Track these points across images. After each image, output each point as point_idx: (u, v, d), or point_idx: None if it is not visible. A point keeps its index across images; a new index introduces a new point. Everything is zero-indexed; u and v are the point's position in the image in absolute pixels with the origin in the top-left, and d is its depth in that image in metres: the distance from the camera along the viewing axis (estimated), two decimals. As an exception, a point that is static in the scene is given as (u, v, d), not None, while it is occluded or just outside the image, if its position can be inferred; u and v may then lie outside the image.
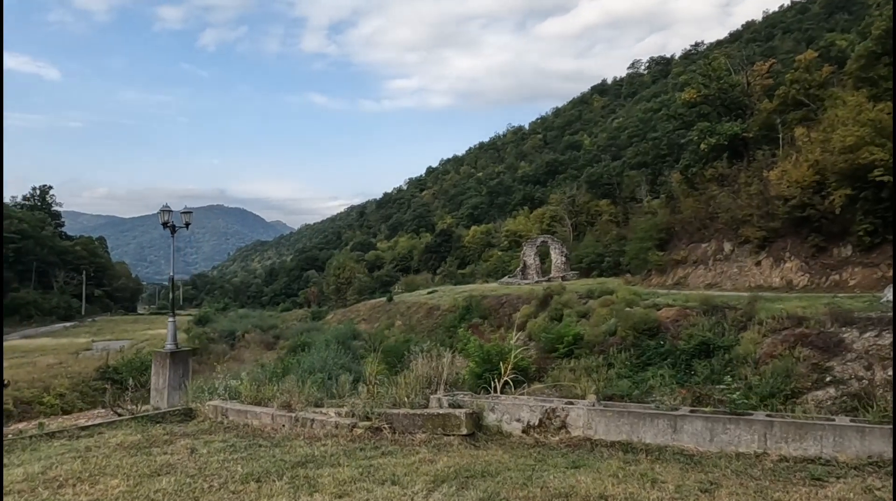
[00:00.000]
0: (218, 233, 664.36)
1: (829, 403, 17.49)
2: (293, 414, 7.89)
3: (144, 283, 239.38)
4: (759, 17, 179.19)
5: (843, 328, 20.42)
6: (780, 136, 44.57)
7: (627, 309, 31.45)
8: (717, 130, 46.57)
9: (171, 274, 12.86)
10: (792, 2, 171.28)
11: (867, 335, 19.52)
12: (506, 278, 68.66)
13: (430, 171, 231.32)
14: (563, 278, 60.13)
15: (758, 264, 38.61)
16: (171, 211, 12.69)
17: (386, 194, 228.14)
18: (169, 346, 13.88)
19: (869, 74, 39.88)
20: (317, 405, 8.08)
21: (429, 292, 73.79)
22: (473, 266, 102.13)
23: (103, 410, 9.85)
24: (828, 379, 18.87)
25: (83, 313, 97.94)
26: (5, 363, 36.50)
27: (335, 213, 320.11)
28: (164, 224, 12.52)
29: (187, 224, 13.06)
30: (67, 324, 79.48)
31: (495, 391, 8.45)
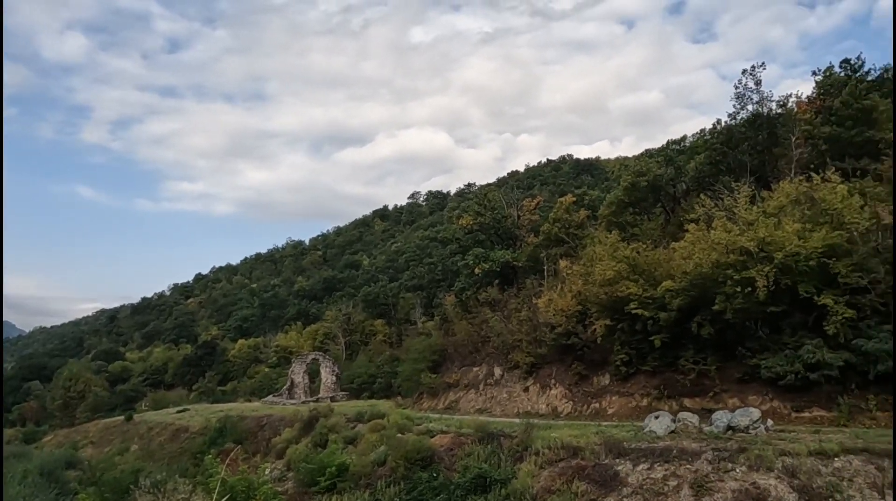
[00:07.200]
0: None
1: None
2: None
3: None
4: (521, 168, 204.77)
5: (617, 460, 19.76)
6: (546, 267, 47.34)
7: (399, 435, 28.82)
8: (490, 257, 48.30)
9: None
10: (548, 160, 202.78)
11: (640, 467, 18.98)
12: (270, 398, 62.75)
13: (199, 278, 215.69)
14: (333, 399, 56.54)
15: (526, 389, 38.70)
16: None
17: (144, 299, 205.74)
18: None
19: (619, 219, 44.65)
20: None
21: (179, 411, 65.64)
22: (236, 383, 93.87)
23: None
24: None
25: None
26: None
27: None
28: None
29: None
30: None
31: None
